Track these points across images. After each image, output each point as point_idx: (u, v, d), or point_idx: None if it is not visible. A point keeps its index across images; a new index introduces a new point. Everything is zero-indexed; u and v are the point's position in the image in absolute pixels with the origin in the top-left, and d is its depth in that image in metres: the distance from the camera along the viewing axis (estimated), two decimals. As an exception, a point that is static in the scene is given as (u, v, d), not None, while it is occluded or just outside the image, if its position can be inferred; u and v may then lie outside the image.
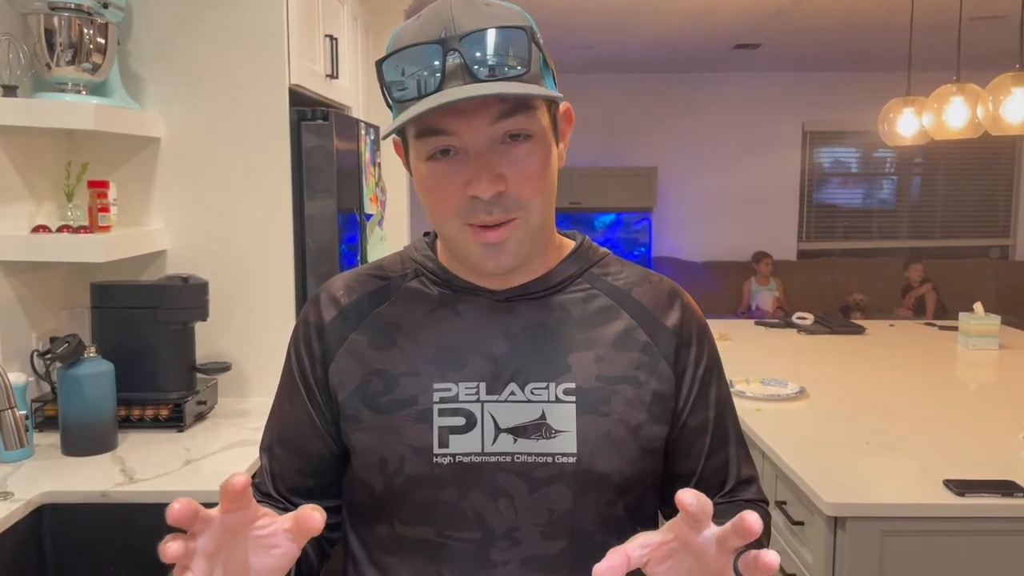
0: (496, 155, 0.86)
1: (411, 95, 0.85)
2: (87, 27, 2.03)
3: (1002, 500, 1.77)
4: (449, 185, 0.88)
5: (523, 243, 0.91)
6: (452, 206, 0.89)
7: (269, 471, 1.04)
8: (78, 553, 1.71)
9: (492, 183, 0.86)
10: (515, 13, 0.89)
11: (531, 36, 0.86)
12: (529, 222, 0.90)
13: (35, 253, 2.03)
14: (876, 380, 2.90)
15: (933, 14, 4.43)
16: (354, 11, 3.31)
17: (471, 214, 0.88)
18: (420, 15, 0.89)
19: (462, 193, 0.87)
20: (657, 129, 7.31)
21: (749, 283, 6.92)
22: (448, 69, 0.83)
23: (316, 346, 0.99)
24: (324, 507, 1.01)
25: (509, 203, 0.88)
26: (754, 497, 1.06)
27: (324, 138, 2.43)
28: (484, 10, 0.87)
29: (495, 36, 0.84)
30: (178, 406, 2.10)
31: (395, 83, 0.86)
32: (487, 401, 0.93)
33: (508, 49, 0.84)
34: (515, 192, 0.88)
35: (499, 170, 0.86)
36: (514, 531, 0.92)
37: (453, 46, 0.83)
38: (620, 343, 0.97)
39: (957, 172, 7.52)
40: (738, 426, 1.07)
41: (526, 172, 0.88)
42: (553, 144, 0.92)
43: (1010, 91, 2.70)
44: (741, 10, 4.81)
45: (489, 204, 0.87)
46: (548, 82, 0.91)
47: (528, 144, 0.88)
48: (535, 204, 0.90)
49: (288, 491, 1.03)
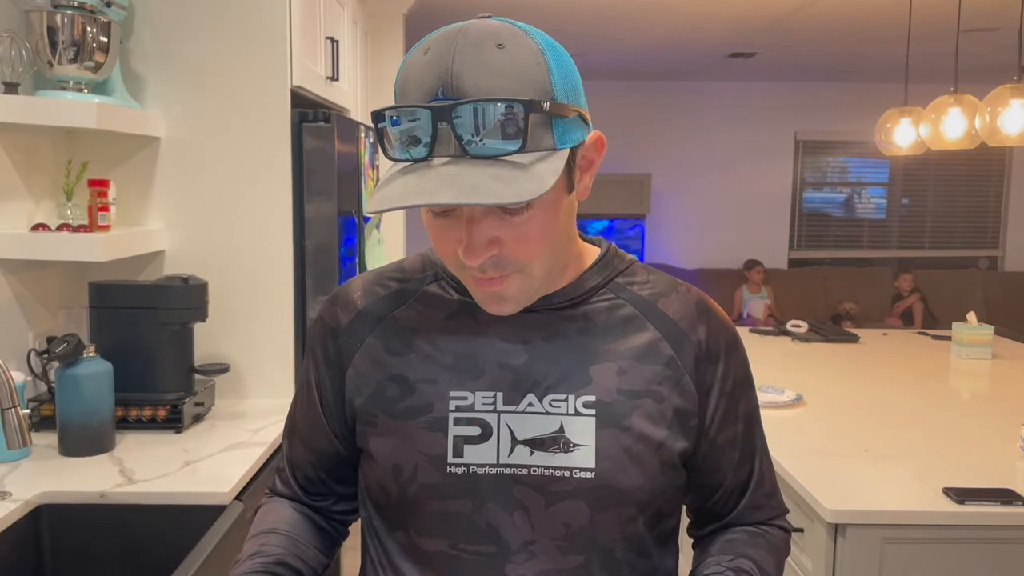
0: (491, 220, 0.82)
1: (402, 156, 0.81)
2: (90, 25, 2.02)
3: (1001, 508, 1.78)
4: (445, 240, 0.85)
5: (525, 291, 0.88)
6: (449, 257, 0.87)
7: (288, 458, 1.07)
8: (76, 554, 1.69)
9: (483, 250, 0.83)
10: (530, 58, 0.80)
11: (529, 109, 0.78)
12: (530, 275, 0.87)
13: (34, 252, 2.01)
14: (872, 388, 2.91)
15: (928, 26, 4.47)
16: (354, 14, 3.31)
17: (466, 269, 0.86)
18: (428, 49, 0.82)
19: (456, 250, 0.84)
20: (651, 136, 7.33)
21: (740, 291, 6.94)
22: (439, 134, 0.78)
23: (331, 348, 0.98)
24: (337, 494, 1.05)
25: (504, 263, 0.84)
26: (775, 514, 1.04)
27: (325, 140, 2.42)
28: (491, 59, 0.79)
29: (487, 112, 0.77)
30: (176, 407, 2.09)
31: (390, 137, 0.81)
32: (504, 411, 0.90)
33: (504, 125, 0.77)
34: (511, 255, 0.84)
35: (493, 234, 0.83)
36: (530, 545, 0.90)
37: (443, 116, 0.78)
38: (643, 356, 0.93)
39: (947, 183, 7.58)
40: (763, 437, 1.05)
41: (524, 236, 0.84)
42: (563, 195, 0.86)
43: (1008, 103, 2.72)
44: (738, 19, 4.83)
45: (482, 265, 0.84)
46: (566, 134, 0.83)
47: (527, 212, 0.83)
48: (535, 262, 0.86)
49: (303, 479, 1.05)
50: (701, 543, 1.05)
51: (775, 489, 1.05)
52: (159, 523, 1.70)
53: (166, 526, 1.69)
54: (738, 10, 4.60)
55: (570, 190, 0.87)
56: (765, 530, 1.03)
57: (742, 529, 1.02)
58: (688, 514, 1.07)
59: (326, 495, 1.05)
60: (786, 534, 1.05)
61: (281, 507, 1.05)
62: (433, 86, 0.79)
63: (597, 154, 0.90)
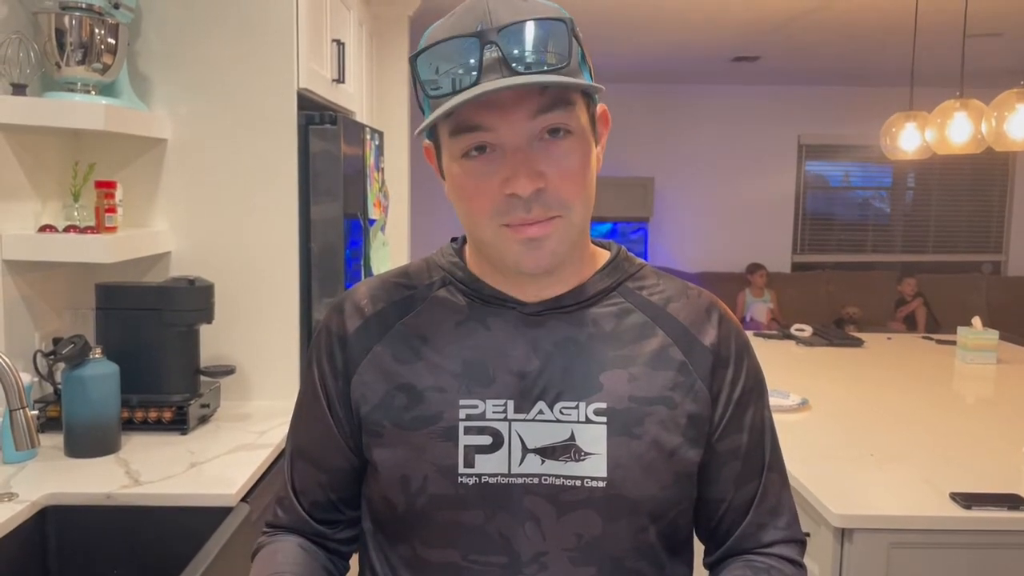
0: (535, 151, 0.83)
1: (446, 91, 0.82)
2: (98, 27, 2.02)
3: (1008, 513, 1.77)
4: (485, 184, 0.84)
5: (563, 242, 0.86)
6: (488, 205, 0.85)
7: (292, 485, 1.01)
8: (82, 555, 1.69)
9: (531, 180, 0.82)
10: (552, 7, 0.85)
11: (571, 28, 0.83)
12: (571, 221, 0.86)
13: (41, 253, 2.01)
14: (877, 392, 2.91)
15: (934, 31, 4.47)
16: (360, 16, 3.32)
17: (509, 213, 0.84)
18: (454, 12, 0.85)
19: (499, 192, 0.83)
20: (654, 140, 7.32)
21: (743, 294, 6.93)
22: (485, 63, 0.80)
23: (338, 357, 0.95)
24: (345, 519, 1.00)
25: (549, 200, 0.84)
26: (782, 538, 0.97)
27: (331, 142, 2.43)
28: (521, 4, 0.83)
29: (534, 28, 0.81)
30: (181, 409, 2.09)
31: (429, 80, 0.83)
32: (515, 420, 0.88)
33: (547, 42, 0.81)
34: (555, 190, 0.84)
35: (538, 167, 0.83)
36: (541, 556, 0.88)
37: (490, 39, 0.80)
38: (655, 362, 0.92)
39: (951, 187, 7.57)
40: (778, 455, 1.00)
41: (566, 169, 0.84)
42: (592, 142, 0.89)
43: (1014, 107, 2.72)
44: (742, 23, 4.83)
45: (528, 202, 0.83)
46: (587, 77, 0.87)
47: (568, 141, 0.84)
48: (576, 203, 0.86)
49: (311, 506, 1.00)
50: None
51: (783, 510, 0.99)
52: (165, 525, 1.70)
53: (172, 528, 1.69)
54: (742, 14, 4.60)
55: (596, 141, 0.90)
56: (771, 565, 0.95)
57: (746, 563, 0.96)
58: (700, 538, 1.03)
59: (334, 522, 1.00)
60: (797, 568, 0.97)
61: (287, 546, 0.98)
62: (472, 24, 0.82)
63: (605, 127, 0.94)
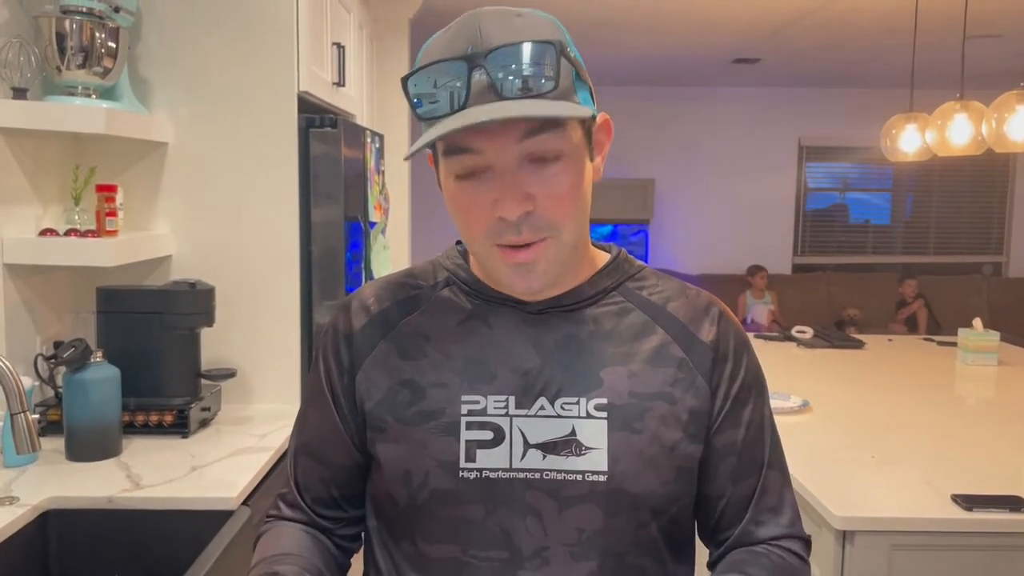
0: (524, 174, 0.84)
1: (436, 112, 0.83)
2: (98, 31, 2.02)
3: (1009, 515, 1.77)
4: (477, 205, 0.86)
5: (553, 263, 0.88)
6: (481, 226, 0.86)
7: (295, 480, 1.03)
8: (83, 559, 1.69)
9: (519, 203, 0.83)
10: (547, 24, 0.86)
11: (560, 50, 0.83)
12: (560, 241, 0.87)
13: (42, 256, 2.02)
14: (878, 394, 2.91)
15: (934, 33, 4.47)
16: (360, 19, 3.32)
17: (500, 235, 0.86)
18: (449, 27, 0.86)
19: (490, 213, 0.85)
20: (655, 142, 7.33)
21: (744, 296, 6.93)
22: (474, 86, 0.81)
23: (344, 354, 0.98)
24: (347, 516, 1.01)
25: (538, 223, 0.85)
26: (782, 534, 0.97)
27: (332, 145, 2.43)
28: (515, 22, 0.84)
29: (522, 51, 0.81)
30: (182, 412, 2.09)
31: (421, 98, 0.84)
32: (516, 415, 0.90)
33: (536, 65, 0.81)
34: (544, 212, 0.85)
35: (527, 190, 0.84)
36: (543, 551, 0.89)
37: (478, 63, 0.81)
38: (654, 359, 0.93)
39: (951, 189, 7.57)
40: (780, 455, 1.00)
41: (556, 192, 0.85)
42: (586, 160, 0.89)
43: (1015, 108, 2.72)
44: (742, 25, 4.84)
45: (517, 224, 0.84)
46: (583, 96, 0.88)
47: (557, 164, 0.85)
48: (566, 224, 0.87)
49: (313, 502, 1.01)
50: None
51: (784, 508, 0.99)
52: (166, 528, 1.70)
53: (173, 531, 1.69)
54: (742, 16, 4.61)
55: (591, 157, 0.91)
56: (771, 550, 0.96)
57: (747, 549, 0.97)
58: (702, 540, 1.03)
59: (337, 519, 1.02)
60: (800, 561, 0.98)
61: (291, 530, 1.00)
62: (463, 46, 0.83)
63: (607, 137, 0.94)
